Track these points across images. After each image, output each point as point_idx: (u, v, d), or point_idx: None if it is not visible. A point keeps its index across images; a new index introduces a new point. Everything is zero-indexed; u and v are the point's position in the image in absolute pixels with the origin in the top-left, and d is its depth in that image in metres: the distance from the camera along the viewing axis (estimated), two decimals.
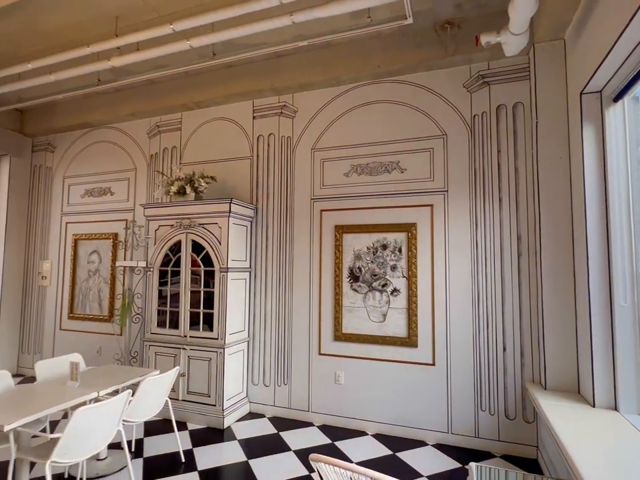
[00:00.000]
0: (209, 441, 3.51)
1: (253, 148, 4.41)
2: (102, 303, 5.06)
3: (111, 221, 5.12)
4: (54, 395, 2.64)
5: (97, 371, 3.26)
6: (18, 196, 5.62)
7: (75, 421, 2.16)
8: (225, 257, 3.87)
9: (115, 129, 5.21)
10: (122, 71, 4.16)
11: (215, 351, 3.83)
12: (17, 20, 3.45)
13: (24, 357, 5.55)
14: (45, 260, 5.55)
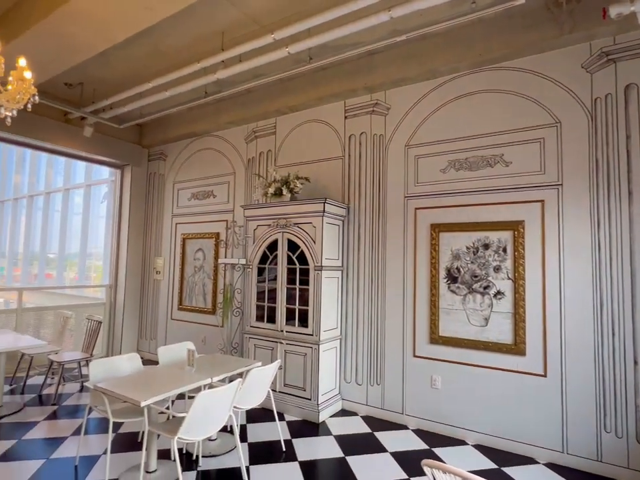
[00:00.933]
0: (306, 433, 3.63)
1: (345, 148, 4.45)
2: (206, 297, 5.54)
3: (213, 222, 5.57)
4: (176, 377, 2.94)
5: (207, 359, 3.56)
6: (137, 200, 6.40)
7: (197, 403, 2.39)
8: (319, 255, 3.96)
9: (216, 137, 5.66)
10: (224, 83, 4.48)
11: (310, 347, 3.95)
12: (144, 44, 3.91)
13: (142, 342, 6.32)
14: (159, 257, 6.24)
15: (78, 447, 3.07)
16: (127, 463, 3.01)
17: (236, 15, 3.52)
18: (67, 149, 5.58)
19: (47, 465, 3.00)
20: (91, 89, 5.01)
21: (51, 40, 3.41)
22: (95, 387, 2.72)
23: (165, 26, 3.62)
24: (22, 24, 3.38)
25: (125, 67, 4.47)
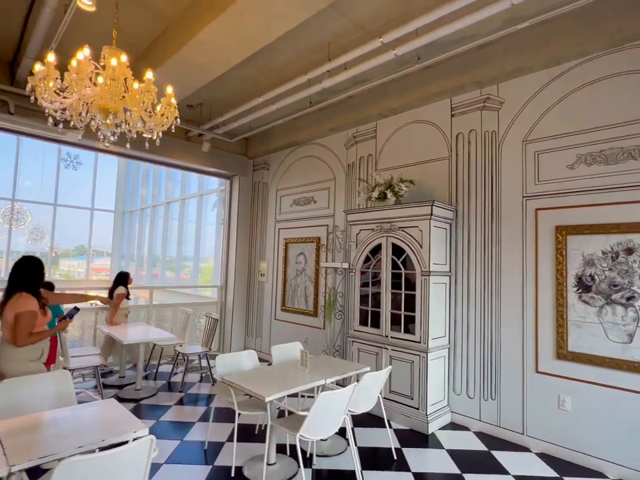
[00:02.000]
0: (415, 443, 3.52)
1: (452, 147, 4.25)
2: (307, 299, 5.73)
3: (314, 226, 5.75)
4: (291, 376, 3.08)
5: (315, 360, 3.66)
6: (244, 208, 6.91)
7: (318, 403, 2.46)
8: (426, 260, 3.83)
9: (316, 144, 5.85)
10: (328, 91, 4.60)
11: (418, 355, 3.83)
12: (255, 63, 4.21)
13: (249, 339, 6.77)
14: (263, 260, 6.65)
15: (207, 433, 3.39)
16: (247, 453, 3.23)
17: (343, 24, 3.60)
18: (185, 163, 6.26)
19: (182, 445, 3.36)
20: (207, 108, 5.56)
21: (181, 69, 3.86)
22: (223, 380, 2.98)
23: (275, 43, 3.84)
24: (159, 57, 3.89)
25: (237, 86, 4.87)
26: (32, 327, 2.66)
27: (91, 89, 2.34)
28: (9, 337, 2.64)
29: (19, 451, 1.73)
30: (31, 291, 2.71)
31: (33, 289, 2.73)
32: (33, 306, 2.66)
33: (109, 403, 2.39)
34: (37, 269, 2.81)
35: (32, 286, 2.73)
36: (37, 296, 2.74)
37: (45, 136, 4.98)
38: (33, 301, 2.68)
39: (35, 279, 2.77)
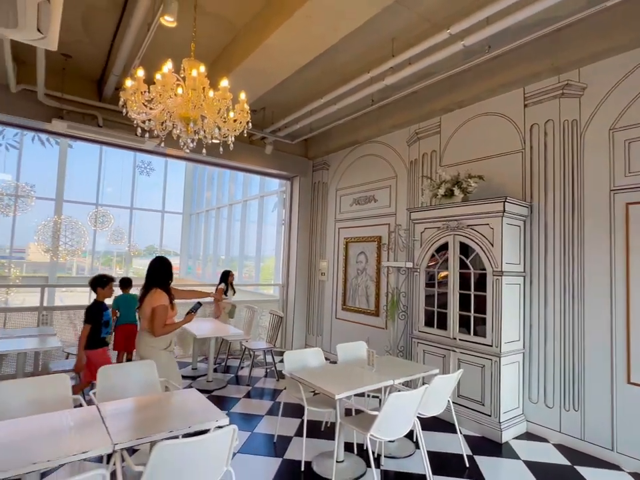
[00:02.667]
0: (488, 451, 3.36)
1: (525, 139, 3.99)
2: (369, 299, 5.70)
3: (375, 225, 5.70)
4: (358, 375, 3.08)
5: (381, 360, 3.63)
6: (304, 208, 7.04)
7: (389, 403, 2.44)
8: (498, 259, 3.64)
9: (377, 142, 5.79)
10: (390, 88, 4.53)
11: (489, 359, 3.65)
12: (318, 65, 4.26)
13: (309, 337, 6.89)
14: (323, 259, 6.72)
15: (276, 426, 3.50)
16: (315, 448, 3.28)
17: (408, 18, 3.52)
18: (249, 165, 6.51)
19: (253, 436, 3.50)
20: (270, 112, 5.73)
21: (249, 75, 4.02)
22: (292, 375, 3.05)
23: (338, 43, 3.85)
24: (228, 65, 4.08)
25: (299, 88, 4.96)
26: (165, 319, 3.01)
27: (172, 100, 2.52)
28: (146, 327, 3.04)
29: (120, 432, 1.91)
30: (162, 287, 3.07)
31: (164, 285, 3.09)
32: (165, 300, 3.03)
33: (190, 393, 2.55)
34: (167, 268, 3.17)
35: (164, 283, 3.10)
36: (167, 292, 3.09)
37: (125, 145, 5.44)
38: (165, 296, 3.04)
39: (166, 277, 3.14)
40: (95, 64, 4.62)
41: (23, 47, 3.76)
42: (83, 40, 4.10)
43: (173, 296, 3.17)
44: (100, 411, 2.14)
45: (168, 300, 3.07)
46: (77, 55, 4.38)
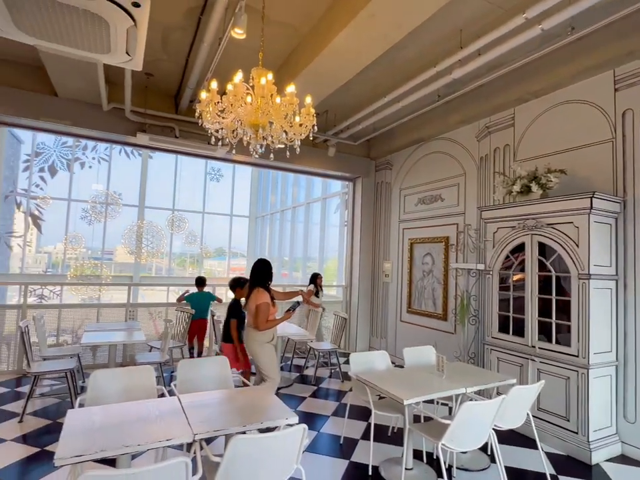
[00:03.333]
0: (575, 473, 3.05)
1: (616, 127, 3.58)
2: (436, 302, 5.49)
3: (442, 225, 5.48)
4: (427, 381, 2.97)
5: (450, 366, 3.47)
6: (367, 209, 6.98)
7: (462, 412, 2.32)
8: (584, 261, 3.30)
9: (443, 139, 5.57)
10: (457, 82, 4.33)
11: (575, 370, 3.32)
12: (381, 63, 4.20)
13: (373, 339, 6.81)
14: (387, 260, 6.61)
15: (343, 428, 3.50)
16: (382, 453, 3.23)
17: (478, 6, 3.34)
18: (312, 168, 6.60)
19: (319, 437, 3.53)
20: (333, 114, 5.77)
21: (313, 78, 4.08)
22: (358, 378, 3.03)
23: (401, 40, 3.78)
24: (293, 70, 4.18)
25: (362, 88, 4.93)
26: (268, 315, 3.34)
27: (243, 108, 2.63)
28: (252, 322, 3.39)
29: (199, 423, 2.03)
30: (264, 286, 3.42)
31: (265, 284, 3.44)
32: (267, 298, 3.37)
33: (260, 390, 2.64)
34: (268, 269, 3.53)
35: (265, 282, 3.46)
36: (268, 290, 3.44)
37: (198, 153, 5.82)
38: (267, 295, 3.39)
39: (267, 277, 3.49)
40: (172, 80, 5.00)
41: (112, 70, 4.19)
42: (162, 58, 4.45)
43: (273, 294, 3.50)
44: (181, 402, 2.30)
45: (269, 298, 3.40)
46: (157, 72, 4.77)
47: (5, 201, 11.09)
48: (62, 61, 3.82)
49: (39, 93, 4.73)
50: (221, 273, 15.44)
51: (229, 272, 15.22)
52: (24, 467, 2.86)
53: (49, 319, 5.25)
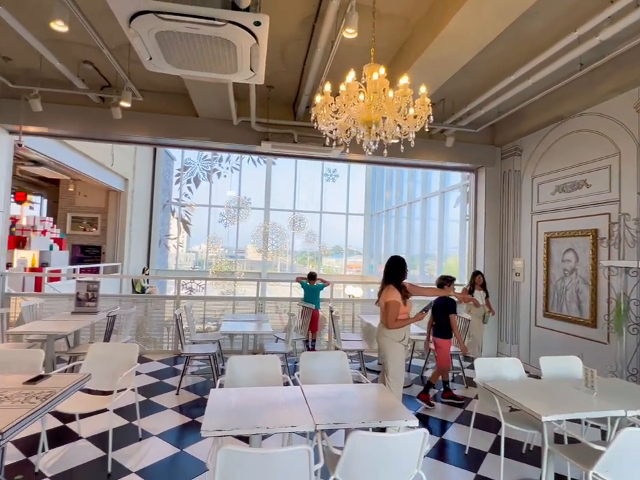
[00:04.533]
0: None
1: None
2: (581, 305, 4.71)
3: (588, 216, 4.67)
4: (571, 397, 2.56)
5: (603, 383, 2.92)
6: (491, 201, 6.37)
7: (622, 438, 1.93)
8: None
9: (588, 115, 4.74)
10: (606, 44, 3.62)
11: None
12: (505, 39, 3.77)
13: (502, 344, 6.19)
14: (517, 258, 5.93)
15: (468, 437, 3.26)
16: (513, 472, 2.91)
17: None
18: (428, 161, 6.31)
19: (441, 443, 3.35)
20: (450, 102, 5.42)
21: (428, 67, 3.89)
22: (485, 385, 2.78)
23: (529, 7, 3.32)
24: (406, 62, 4.05)
25: (482, 70, 4.51)
26: (397, 314, 3.24)
27: (355, 107, 2.65)
28: (383, 320, 3.35)
29: (320, 414, 2.11)
30: (395, 283, 3.31)
31: (395, 282, 3.32)
32: (396, 297, 3.26)
33: (379, 388, 2.62)
34: (400, 266, 3.39)
35: (395, 280, 3.33)
36: (400, 288, 3.30)
37: (315, 156, 6.09)
38: (397, 293, 3.27)
39: (398, 274, 3.36)
40: (290, 89, 5.33)
41: (239, 87, 4.66)
42: (281, 70, 4.78)
43: (406, 292, 3.33)
44: (303, 392, 2.43)
45: (400, 296, 3.26)
46: (277, 84, 5.14)
47: (163, 209, 13.33)
48: (201, 86, 4.40)
49: (184, 116, 5.54)
50: (338, 270, 15.95)
51: (345, 269, 15.62)
52: (180, 433, 3.39)
53: (196, 309, 6.12)
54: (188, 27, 2.47)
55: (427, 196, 10.02)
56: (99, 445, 3.07)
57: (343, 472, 1.85)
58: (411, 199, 11.11)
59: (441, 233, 9.14)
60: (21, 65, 4.76)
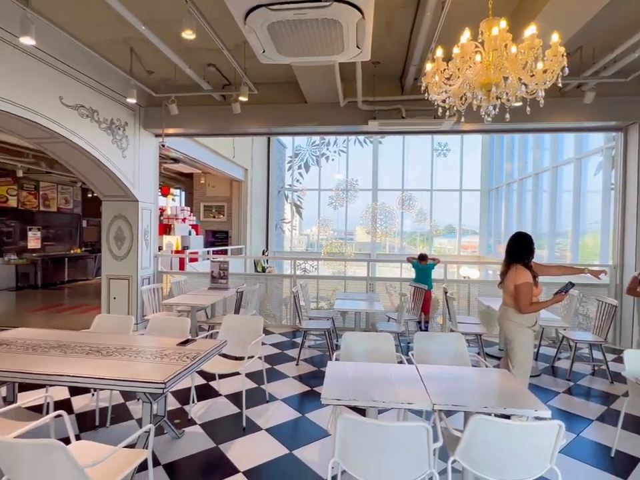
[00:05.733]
0: None
1: None
2: None
3: None
4: None
5: None
6: None
7: None
8: None
9: None
10: None
11: None
12: None
13: None
14: None
15: (615, 439, 2.82)
16: None
17: None
18: (558, 123, 5.49)
19: (578, 440, 2.98)
20: (589, 49, 4.57)
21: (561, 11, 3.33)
22: (638, 381, 2.37)
23: None
24: (532, 10, 3.53)
25: (634, 2, 3.67)
26: (531, 297, 2.90)
27: (471, 69, 2.42)
28: (510, 303, 3.02)
29: (437, 394, 2.06)
30: (522, 263, 2.96)
31: (523, 261, 2.97)
32: (527, 278, 2.90)
33: (504, 374, 2.44)
34: (526, 244, 3.04)
35: (523, 259, 2.98)
36: (529, 268, 2.96)
37: (424, 130, 5.80)
38: (527, 273, 2.92)
39: (525, 253, 3.00)
40: (397, 62, 5.12)
41: (344, 68, 4.66)
42: (386, 43, 4.61)
43: (535, 272, 2.99)
44: (419, 371, 2.40)
45: (531, 277, 2.92)
46: (382, 58, 4.99)
47: (278, 195, 14.29)
48: (309, 71, 4.53)
49: (294, 104, 5.78)
50: (451, 251, 15.12)
51: (459, 250, 14.72)
52: (301, 399, 3.68)
53: (310, 288, 6.48)
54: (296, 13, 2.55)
55: (557, 165, 8.72)
56: (234, 403, 3.52)
57: (463, 455, 1.78)
58: (537, 170, 9.80)
59: (576, 206, 7.90)
60: (160, 76, 5.52)
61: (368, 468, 1.76)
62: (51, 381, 2.28)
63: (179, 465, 2.59)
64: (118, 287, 6.08)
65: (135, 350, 2.68)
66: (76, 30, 4.19)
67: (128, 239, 6.05)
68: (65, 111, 4.58)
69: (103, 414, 3.15)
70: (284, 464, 2.63)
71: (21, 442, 1.53)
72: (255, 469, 2.55)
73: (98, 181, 5.78)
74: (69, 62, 4.58)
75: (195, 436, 2.95)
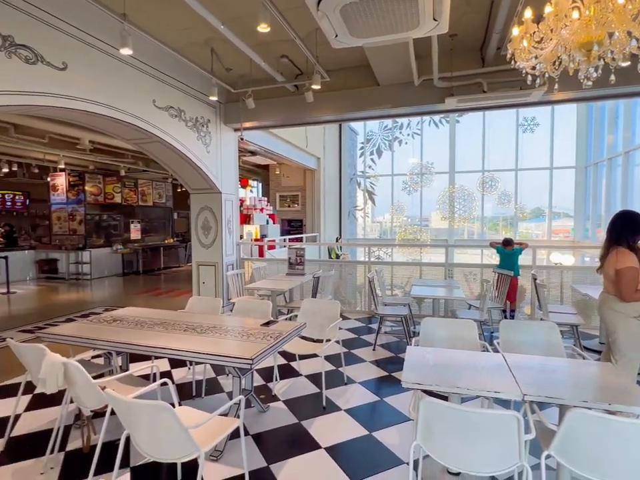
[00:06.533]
0: None
1: None
2: None
3: None
4: None
5: None
6: None
7: None
8: None
9: None
10: None
11: None
12: None
13: None
14: None
15: None
16: None
17: None
18: None
19: None
20: None
21: None
22: None
23: None
24: None
25: None
26: (636, 284, 2.59)
27: (568, 28, 2.16)
28: (611, 289, 2.75)
29: (527, 384, 1.93)
30: (626, 245, 2.65)
31: (627, 243, 2.65)
32: (632, 262, 2.59)
33: (608, 367, 2.20)
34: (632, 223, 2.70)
35: (627, 240, 2.66)
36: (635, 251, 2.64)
37: (509, 104, 5.32)
38: (632, 257, 2.60)
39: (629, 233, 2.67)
40: (476, 32, 4.75)
41: (418, 45, 4.45)
42: (465, 12, 4.30)
43: None
44: (506, 360, 2.26)
45: (637, 261, 2.59)
46: (460, 30, 4.67)
47: (350, 183, 14.27)
48: (381, 52, 4.41)
49: (366, 87, 5.69)
50: (539, 237, 13.84)
51: (549, 235, 13.42)
52: (378, 383, 3.70)
53: (385, 275, 6.41)
54: None
55: None
56: (314, 383, 3.65)
57: (559, 450, 1.66)
58: None
59: None
60: (237, 73, 5.79)
61: (452, 453, 1.72)
62: (157, 353, 2.58)
63: (265, 436, 2.78)
64: (206, 272, 6.61)
65: (225, 329, 2.91)
66: (163, 36, 4.57)
67: (213, 229, 6.53)
68: (158, 113, 5.04)
69: (199, 386, 3.48)
70: (364, 444, 2.68)
71: (137, 402, 1.76)
72: (335, 446, 2.64)
73: (186, 176, 6.30)
74: (159, 67, 5.02)
75: (279, 411, 3.14)
